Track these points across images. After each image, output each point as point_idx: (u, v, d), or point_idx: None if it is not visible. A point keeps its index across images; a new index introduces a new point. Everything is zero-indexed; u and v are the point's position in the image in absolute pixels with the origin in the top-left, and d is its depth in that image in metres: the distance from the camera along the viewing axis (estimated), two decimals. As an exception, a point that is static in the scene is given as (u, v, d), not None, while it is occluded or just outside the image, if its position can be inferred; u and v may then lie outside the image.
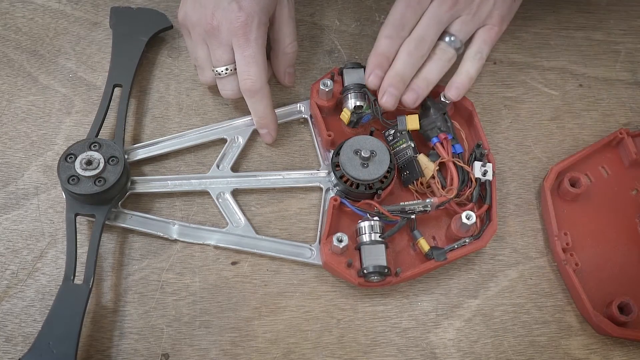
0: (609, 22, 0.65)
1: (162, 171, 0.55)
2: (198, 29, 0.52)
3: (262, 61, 0.51)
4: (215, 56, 0.52)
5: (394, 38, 0.53)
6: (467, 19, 0.53)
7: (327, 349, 0.49)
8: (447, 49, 0.54)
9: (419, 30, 0.53)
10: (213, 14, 0.51)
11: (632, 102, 0.61)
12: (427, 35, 0.52)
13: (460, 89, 0.54)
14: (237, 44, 0.51)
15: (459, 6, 0.53)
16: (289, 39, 0.55)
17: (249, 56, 0.51)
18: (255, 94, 0.52)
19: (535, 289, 0.52)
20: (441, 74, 0.54)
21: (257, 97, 0.52)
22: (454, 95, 0.54)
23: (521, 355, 0.50)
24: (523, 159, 0.58)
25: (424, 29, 0.52)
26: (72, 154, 0.50)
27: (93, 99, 0.57)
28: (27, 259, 0.51)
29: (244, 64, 0.51)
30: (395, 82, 0.52)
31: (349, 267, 0.49)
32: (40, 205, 0.53)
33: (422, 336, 0.50)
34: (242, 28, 0.50)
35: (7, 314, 0.49)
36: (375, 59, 0.53)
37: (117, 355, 0.48)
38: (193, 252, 0.52)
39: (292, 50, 0.56)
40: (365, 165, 0.50)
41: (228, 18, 0.50)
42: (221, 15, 0.50)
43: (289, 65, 0.57)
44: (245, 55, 0.51)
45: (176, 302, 0.50)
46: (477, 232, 0.51)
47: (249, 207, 0.54)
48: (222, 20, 0.50)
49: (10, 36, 0.60)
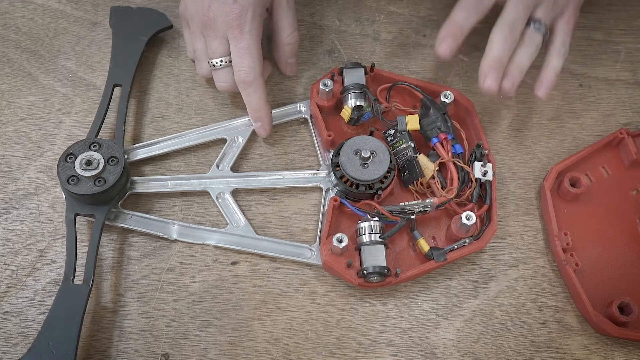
0: (609, 22, 0.65)
1: (162, 171, 0.55)
2: (196, 21, 0.53)
3: (256, 53, 0.52)
4: (211, 48, 0.53)
5: (470, 11, 0.52)
6: (549, 5, 0.53)
7: (327, 349, 0.49)
8: (535, 36, 0.53)
9: (510, 13, 0.52)
10: (209, 6, 0.51)
11: (632, 102, 0.61)
12: (518, 19, 0.52)
13: (550, 87, 0.53)
14: (232, 35, 0.51)
15: None
16: (289, 29, 0.55)
17: (243, 48, 0.51)
18: (249, 85, 0.52)
19: (535, 289, 0.52)
20: (531, 61, 0.53)
21: (250, 88, 0.53)
22: (545, 93, 0.53)
23: (521, 355, 0.50)
24: (523, 159, 0.58)
25: (515, 12, 0.52)
26: (72, 154, 0.50)
27: (93, 99, 0.57)
28: (27, 259, 0.51)
29: (238, 55, 0.52)
30: (495, 66, 0.51)
31: (349, 267, 0.49)
32: (40, 205, 0.53)
33: (422, 336, 0.50)
34: (237, 20, 0.51)
35: (7, 314, 0.49)
36: (450, 27, 0.52)
37: (116, 356, 0.48)
38: (193, 252, 0.52)
39: (292, 40, 0.56)
40: (365, 165, 0.50)
41: (223, 10, 0.51)
42: (217, 7, 0.51)
43: (290, 55, 0.57)
44: (240, 47, 0.51)
45: (176, 302, 0.50)
46: (477, 233, 0.51)
47: (249, 207, 0.54)
48: (217, 13, 0.51)
49: (10, 36, 0.60)
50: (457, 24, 0.52)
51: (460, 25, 0.52)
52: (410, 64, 0.61)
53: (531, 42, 0.53)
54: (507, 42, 0.52)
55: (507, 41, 0.52)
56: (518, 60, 0.52)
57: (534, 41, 0.53)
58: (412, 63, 0.61)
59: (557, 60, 0.54)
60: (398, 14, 0.64)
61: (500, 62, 0.52)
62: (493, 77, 0.51)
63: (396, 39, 0.62)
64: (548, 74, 0.54)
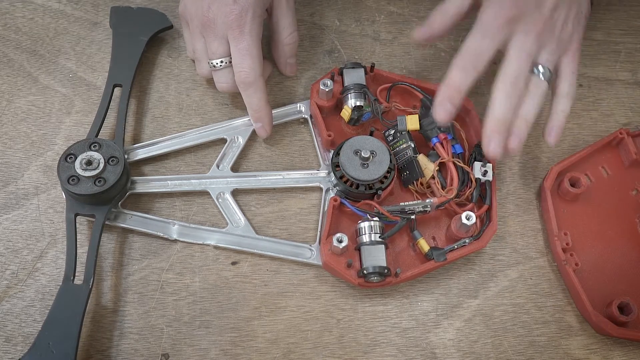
0: (609, 22, 0.65)
1: (162, 171, 0.55)
2: (195, 21, 0.53)
3: (256, 53, 0.52)
4: (211, 49, 0.53)
5: (468, 70, 0.48)
6: (552, 47, 0.49)
7: (327, 349, 0.49)
8: (540, 83, 0.49)
9: (512, 64, 0.48)
10: (209, 7, 0.51)
11: (632, 102, 0.61)
12: (522, 69, 0.48)
13: (560, 132, 0.50)
14: (232, 36, 0.51)
15: (544, 35, 0.49)
16: (288, 29, 0.55)
17: (243, 49, 0.51)
18: (249, 86, 0.52)
19: (535, 289, 0.53)
20: (539, 111, 0.49)
21: (251, 89, 0.53)
22: (555, 140, 0.51)
23: (521, 355, 0.50)
24: (523, 159, 0.58)
25: (517, 62, 0.48)
26: (72, 154, 0.50)
27: (93, 99, 0.57)
28: (27, 259, 0.51)
29: (238, 56, 0.52)
30: (498, 129, 0.48)
31: (349, 267, 0.49)
32: (40, 205, 0.53)
33: (422, 336, 0.50)
34: (237, 20, 0.50)
35: (7, 314, 0.49)
36: (446, 90, 0.48)
37: (117, 355, 0.48)
38: (193, 252, 0.52)
39: (292, 41, 0.56)
40: (365, 165, 0.50)
41: (223, 11, 0.51)
42: (217, 8, 0.51)
43: (289, 55, 0.57)
44: (240, 48, 0.51)
45: (176, 302, 0.50)
46: (477, 233, 0.51)
47: (249, 207, 0.54)
48: (217, 13, 0.51)
49: (10, 36, 0.60)
50: (454, 86, 0.48)
51: (458, 86, 0.48)
52: (410, 64, 0.61)
53: (537, 90, 0.49)
54: (511, 99, 0.48)
55: (511, 98, 0.48)
56: (524, 114, 0.48)
57: (540, 89, 0.49)
58: (412, 63, 0.61)
59: (566, 104, 0.51)
60: (398, 14, 0.64)
61: (504, 123, 0.48)
62: (497, 141, 0.47)
63: (396, 39, 0.63)
64: (557, 120, 0.51)
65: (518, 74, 0.48)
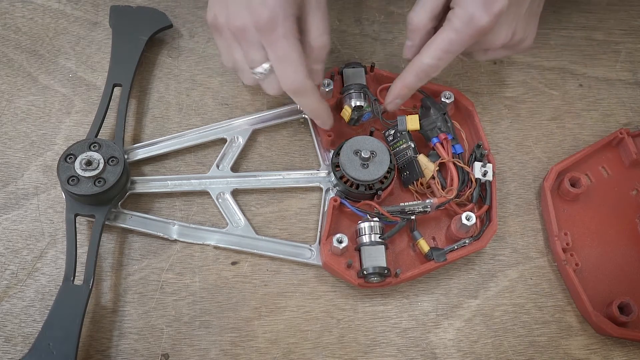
0: (609, 22, 0.65)
1: (162, 171, 0.55)
2: (227, 31, 0.49)
3: (296, 58, 0.47)
4: (249, 57, 0.49)
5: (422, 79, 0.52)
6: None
7: (327, 349, 0.49)
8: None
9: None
10: (238, 14, 0.47)
11: (632, 102, 0.61)
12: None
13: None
14: (267, 42, 0.47)
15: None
16: (317, 31, 0.49)
17: (282, 56, 0.47)
18: (297, 92, 0.49)
19: (535, 289, 0.53)
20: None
21: (300, 94, 0.49)
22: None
23: (521, 355, 0.50)
24: (523, 159, 0.58)
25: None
26: (71, 154, 0.50)
27: (93, 99, 0.57)
28: (27, 259, 0.51)
29: (278, 64, 0.48)
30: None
31: (349, 267, 0.49)
32: (40, 206, 0.53)
33: (422, 336, 0.50)
34: (268, 25, 0.46)
35: (7, 314, 0.49)
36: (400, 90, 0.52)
37: (116, 356, 0.48)
38: (193, 252, 0.52)
39: (319, 44, 0.49)
40: (365, 165, 0.50)
41: (253, 16, 0.46)
42: (246, 14, 0.47)
43: (315, 61, 0.50)
44: (278, 56, 0.47)
45: (176, 302, 0.50)
46: (477, 233, 0.51)
47: (249, 207, 0.54)
48: (247, 20, 0.47)
49: (10, 36, 0.60)
50: (407, 86, 0.52)
51: (411, 87, 0.52)
52: (410, 64, 0.61)
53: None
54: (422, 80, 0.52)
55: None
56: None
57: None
58: (412, 63, 0.61)
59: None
60: (398, 14, 0.64)
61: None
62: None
63: (396, 39, 0.62)
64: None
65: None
